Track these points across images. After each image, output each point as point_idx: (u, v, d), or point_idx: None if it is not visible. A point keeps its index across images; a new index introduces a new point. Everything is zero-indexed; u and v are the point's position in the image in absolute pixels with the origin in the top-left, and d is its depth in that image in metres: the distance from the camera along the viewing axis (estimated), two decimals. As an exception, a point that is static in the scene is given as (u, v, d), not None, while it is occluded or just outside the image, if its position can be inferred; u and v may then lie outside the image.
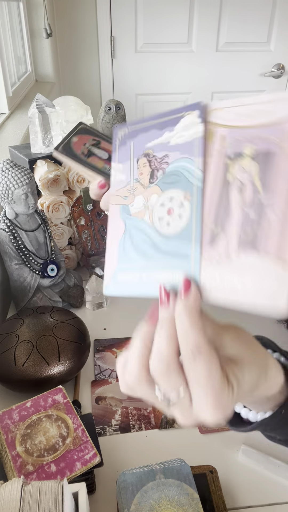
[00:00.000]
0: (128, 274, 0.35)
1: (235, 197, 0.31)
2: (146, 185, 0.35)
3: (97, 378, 0.76)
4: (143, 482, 0.52)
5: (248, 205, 0.30)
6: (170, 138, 0.33)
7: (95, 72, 2.45)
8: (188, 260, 0.32)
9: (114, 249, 0.37)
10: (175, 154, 0.33)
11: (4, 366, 0.68)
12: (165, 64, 2.46)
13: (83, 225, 1.01)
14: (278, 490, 0.59)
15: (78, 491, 0.46)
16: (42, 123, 0.91)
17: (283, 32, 2.45)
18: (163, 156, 0.34)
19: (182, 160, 0.33)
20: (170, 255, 0.33)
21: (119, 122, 1.02)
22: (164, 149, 0.34)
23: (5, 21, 1.64)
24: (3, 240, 0.84)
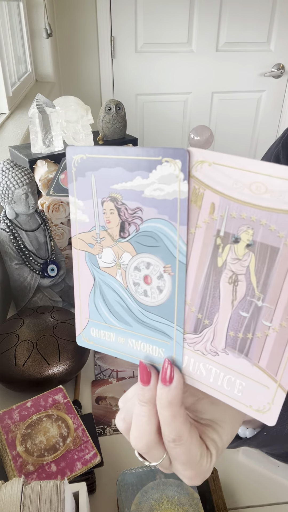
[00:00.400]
0: (102, 332, 0.32)
1: (225, 288, 0.26)
2: (115, 238, 0.29)
3: (98, 378, 0.76)
4: (143, 482, 0.52)
5: (240, 302, 0.25)
6: (144, 187, 0.26)
7: (95, 72, 2.45)
8: (170, 341, 0.29)
9: (84, 300, 0.32)
10: (151, 210, 0.27)
11: (4, 366, 0.68)
12: (165, 64, 2.46)
13: (83, 225, 1.01)
14: (278, 490, 0.59)
15: (78, 491, 0.46)
16: (42, 123, 0.91)
17: (283, 32, 2.45)
18: (136, 209, 0.27)
19: (160, 222, 0.27)
20: (149, 328, 0.29)
21: (119, 122, 1.02)
22: (136, 199, 0.27)
23: (5, 21, 1.64)
24: (3, 240, 0.84)
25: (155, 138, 2.66)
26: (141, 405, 0.29)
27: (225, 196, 0.24)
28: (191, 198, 0.25)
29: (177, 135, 2.68)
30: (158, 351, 0.29)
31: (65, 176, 0.68)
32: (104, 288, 0.30)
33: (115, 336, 0.31)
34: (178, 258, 0.26)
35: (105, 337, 0.32)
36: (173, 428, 0.28)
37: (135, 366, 0.78)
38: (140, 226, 0.27)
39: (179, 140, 2.69)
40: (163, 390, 0.28)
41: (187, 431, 0.28)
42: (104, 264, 0.30)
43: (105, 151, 0.27)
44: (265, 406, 0.26)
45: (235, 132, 2.73)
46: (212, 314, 0.26)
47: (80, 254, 0.31)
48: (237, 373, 0.26)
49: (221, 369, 0.27)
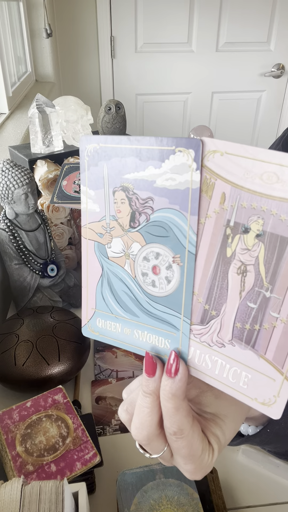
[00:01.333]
0: (109, 323, 0.32)
1: (233, 278, 0.26)
2: (125, 228, 0.29)
3: (97, 378, 0.76)
4: (143, 482, 0.52)
5: (248, 293, 0.25)
6: (156, 177, 0.26)
7: (95, 72, 2.45)
8: (176, 332, 0.29)
9: (91, 290, 0.33)
10: (162, 200, 0.27)
11: (4, 366, 0.68)
12: (165, 64, 2.46)
13: (83, 225, 1.01)
14: (278, 490, 0.59)
15: (78, 491, 0.46)
16: (42, 123, 0.91)
17: (283, 32, 2.45)
18: (147, 199, 0.27)
19: (170, 211, 0.27)
20: (156, 319, 0.30)
21: (119, 122, 1.02)
22: (148, 188, 0.27)
23: (5, 21, 1.64)
24: (3, 240, 0.84)
25: (155, 138, 2.66)
26: (145, 396, 0.29)
27: (236, 186, 0.24)
28: (202, 188, 0.25)
29: (177, 135, 2.68)
30: (164, 342, 0.29)
31: (67, 182, 0.69)
32: (112, 279, 0.31)
33: (121, 327, 0.31)
34: (187, 248, 0.26)
35: (111, 328, 0.32)
36: (175, 421, 0.28)
37: (135, 366, 0.78)
38: (150, 216, 0.27)
39: (179, 140, 2.69)
40: (167, 382, 0.28)
41: (189, 425, 0.28)
42: (113, 254, 0.30)
43: (119, 141, 0.27)
44: (271, 399, 0.26)
45: (235, 132, 2.73)
46: (219, 305, 0.26)
47: (89, 244, 0.31)
48: (243, 365, 0.26)
49: (227, 361, 0.27)
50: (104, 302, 0.32)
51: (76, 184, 0.69)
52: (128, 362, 0.79)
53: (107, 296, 0.31)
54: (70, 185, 0.70)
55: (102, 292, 0.31)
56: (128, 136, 0.27)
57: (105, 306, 0.32)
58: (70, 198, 0.71)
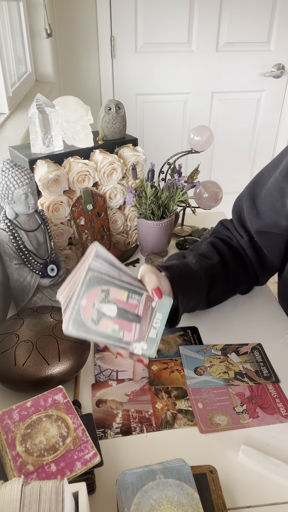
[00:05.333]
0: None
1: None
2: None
3: (97, 378, 0.76)
4: (143, 482, 0.52)
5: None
6: None
7: (95, 72, 2.45)
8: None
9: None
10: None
11: (4, 366, 0.68)
12: (165, 64, 2.46)
13: (83, 225, 1.01)
14: (278, 490, 0.59)
15: (78, 491, 0.46)
16: (42, 123, 0.91)
17: (283, 32, 2.45)
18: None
19: None
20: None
21: (119, 122, 1.02)
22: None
23: (5, 21, 1.64)
24: (3, 240, 0.84)
25: (155, 138, 2.66)
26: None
27: None
28: None
29: (177, 135, 2.68)
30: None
31: (87, 303, 0.57)
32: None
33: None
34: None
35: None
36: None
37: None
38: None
39: (179, 140, 2.69)
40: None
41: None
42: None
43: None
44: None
45: (235, 132, 2.73)
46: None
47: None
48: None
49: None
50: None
51: (95, 309, 0.58)
52: (128, 362, 0.79)
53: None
54: (89, 308, 0.58)
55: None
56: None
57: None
58: (85, 330, 0.58)
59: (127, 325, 0.61)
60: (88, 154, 1.00)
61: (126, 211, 1.10)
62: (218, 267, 0.84)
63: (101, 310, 0.59)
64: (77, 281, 0.58)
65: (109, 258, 0.60)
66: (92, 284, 0.58)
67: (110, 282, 0.59)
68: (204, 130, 1.11)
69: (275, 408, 0.70)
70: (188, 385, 0.74)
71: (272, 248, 0.86)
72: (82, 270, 0.59)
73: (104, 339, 0.60)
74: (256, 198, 0.85)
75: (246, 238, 0.87)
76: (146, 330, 0.63)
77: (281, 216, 0.80)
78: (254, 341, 0.84)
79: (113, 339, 0.60)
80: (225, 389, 0.74)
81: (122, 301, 0.61)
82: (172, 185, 1.00)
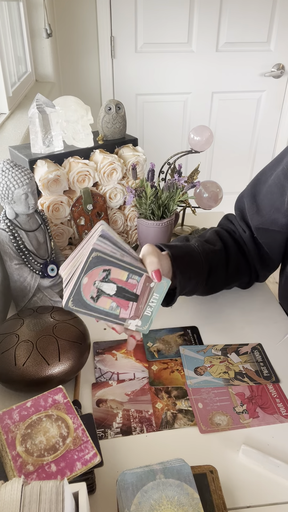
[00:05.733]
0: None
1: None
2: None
3: (98, 380, 0.76)
4: (143, 482, 0.52)
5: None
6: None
7: (95, 72, 2.45)
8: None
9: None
10: None
11: (4, 366, 0.68)
12: (165, 64, 2.46)
13: (83, 225, 1.01)
14: (278, 490, 0.59)
15: (78, 491, 0.46)
16: (42, 123, 0.91)
17: (283, 32, 2.45)
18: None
19: None
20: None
21: (119, 122, 1.02)
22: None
23: (5, 21, 1.64)
24: (3, 240, 0.84)
25: (155, 138, 2.66)
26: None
27: None
28: None
29: (177, 135, 2.68)
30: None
31: (88, 281, 0.60)
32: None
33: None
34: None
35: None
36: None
37: (135, 368, 0.78)
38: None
39: (179, 140, 2.69)
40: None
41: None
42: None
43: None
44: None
45: (235, 132, 2.73)
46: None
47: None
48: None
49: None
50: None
51: (95, 287, 0.60)
52: (128, 364, 0.79)
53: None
54: (89, 286, 0.60)
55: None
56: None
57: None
58: (84, 306, 0.60)
59: (124, 303, 0.64)
60: (88, 154, 1.00)
61: (126, 211, 1.10)
62: (220, 254, 0.85)
63: (101, 288, 0.61)
64: (80, 258, 0.60)
65: (113, 238, 0.61)
66: (95, 264, 0.59)
67: (112, 262, 0.61)
68: (204, 130, 1.11)
69: (275, 408, 0.70)
70: (188, 385, 0.74)
71: (271, 245, 0.86)
72: (86, 248, 0.61)
73: (101, 315, 0.62)
74: (257, 195, 0.85)
75: (248, 233, 0.88)
76: (142, 308, 0.66)
77: (280, 214, 0.80)
78: (254, 341, 0.84)
79: (109, 316, 0.63)
80: (225, 389, 0.74)
81: (122, 281, 0.63)
82: (172, 185, 1.00)
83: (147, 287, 0.65)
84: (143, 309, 0.66)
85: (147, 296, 0.66)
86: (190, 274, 0.78)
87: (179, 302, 0.93)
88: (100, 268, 0.60)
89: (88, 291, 0.60)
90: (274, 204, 0.81)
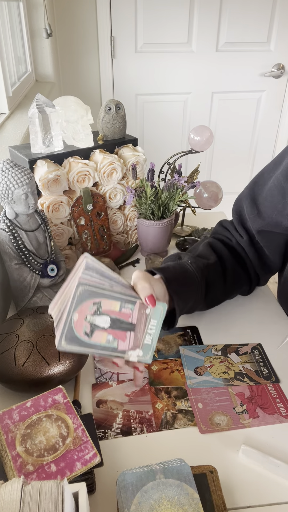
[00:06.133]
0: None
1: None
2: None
3: (98, 381, 0.76)
4: (143, 482, 0.52)
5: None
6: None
7: (95, 72, 2.45)
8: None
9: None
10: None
11: (4, 366, 0.68)
12: (165, 64, 2.46)
13: (83, 225, 1.01)
14: (278, 490, 0.59)
15: (78, 491, 0.46)
16: (42, 123, 0.91)
17: (283, 32, 2.45)
18: None
19: None
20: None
21: (119, 122, 1.02)
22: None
23: (5, 21, 1.64)
24: (3, 240, 0.84)
25: (155, 138, 2.66)
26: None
27: None
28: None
29: (177, 135, 2.68)
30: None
31: (79, 317, 0.57)
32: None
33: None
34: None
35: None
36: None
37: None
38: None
39: (179, 140, 2.69)
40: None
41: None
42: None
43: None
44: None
45: (235, 132, 2.73)
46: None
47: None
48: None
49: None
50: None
51: (87, 322, 0.58)
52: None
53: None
54: (81, 322, 0.57)
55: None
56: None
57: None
58: (78, 344, 0.57)
59: (121, 334, 0.61)
60: (88, 154, 1.00)
61: (126, 211, 1.10)
62: (215, 267, 0.83)
63: (94, 322, 0.58)
64: (68, 294, 0.57)
65: (99, 269, 0.58)
66: (83, 298, 0.57)
67: (101, 294, 0.58)
68: (204, 130, 1.11)
69: (275, 408, 0.70)
70: (188, 385, 0.74)
71: (273, 248, 0.85)
72: (72, 283, 0.58)
73: (98, 351, 0.59)
74: (256, 198, 0.84)
75: (246, 238, 0.87)
76: (141, 337, 0.63)
77: (283, 216, 0.79)
78: (254, 341, 0.84)
79: (107, 350, 0.60)
80: (225, 389, 0.74)
81: (115, 312, 0.60)
82: (172, 185, 1.00)
83: (142, 314, 0.63)
84: (142, 338, 0.63)
85: (144, 323, 0.63)
86: (187, 294, 0.77)
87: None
88: (90, 302, 0.57)
89: (80, 327, 0.57)
90: (276, 207, 0.80)
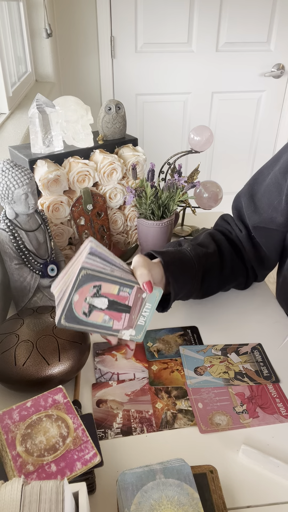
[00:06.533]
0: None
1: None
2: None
3: (98, 381, 0.76)
4: (143, 482, 0.52)
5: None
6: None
7: (95, 72, 2.45)
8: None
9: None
10: None
11: (4, 366, 0.68)
12: (165, 64, 2.46)
13: (83, 225, 1.01)
14: (278, 490, 0.59)
15: (78, 491, 0.46)
16: (42, 123, 0.91)
17: (283, 32, 2.45)
18: None
19: None
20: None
21: (119, 122, 1.02)
22: None
23: (5, 21, 1.64)
24: (3, 240, 0.84)
25: (155, 138, 2.66)
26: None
27: None
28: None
29: (177, 135, 2.68)
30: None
31: (79, 298, 0.60)
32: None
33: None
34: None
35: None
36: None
37: (135, 368, 0.78)
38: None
39: (179, 140, 2.69)
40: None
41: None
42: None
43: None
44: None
45: (235, 132, 2.73)
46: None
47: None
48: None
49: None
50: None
51: (86, 303, 0.61)
52: (128, 364, 0.79)
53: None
54: (80, 302, 0.60)
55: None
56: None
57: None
58: (76, 322, 0.61)
59: (116, 315, 0.64)
60: (88, 154, 1.00)
61: (126, 211, 1.10)
62: (214, 256, 0.85)
63: (93, 303, 0.61)
64: (71, 276, 0.60)
65: (103, 254, 0.61)
66: (84, 281, 0.60)
67: (102, 278, 0.61)
68: (204, 130, 1.11)
69: (275, 408, 0.70)
70: (188, 385, 0.74)
71: (269, 244, 0.86)
72: (76, 266, 0.61)
73: (94, 329, 0.63)
74: (255, 194, 0.86)
75: (245, 233, 0.88)
76: (135, 319, 0.66)
77: (278, 213, 0.81)
78: (254, 341, 0.84)
79: (103, 328, 0.64)
80: (225, 389, 0.74)
81: (113, 295, 0.63)
82: (172, 185, 1.00)
83: (139, 298, 0.66)
84: (136, 319, 0.66)
85: (139, 306, 0.66)
86: (183, 279, 0.78)
87: (179, 302, 0.93)
88: (90, 285, 0.60)
89: (79, 307, 0.60)
90: (272, 203, 0.81)
